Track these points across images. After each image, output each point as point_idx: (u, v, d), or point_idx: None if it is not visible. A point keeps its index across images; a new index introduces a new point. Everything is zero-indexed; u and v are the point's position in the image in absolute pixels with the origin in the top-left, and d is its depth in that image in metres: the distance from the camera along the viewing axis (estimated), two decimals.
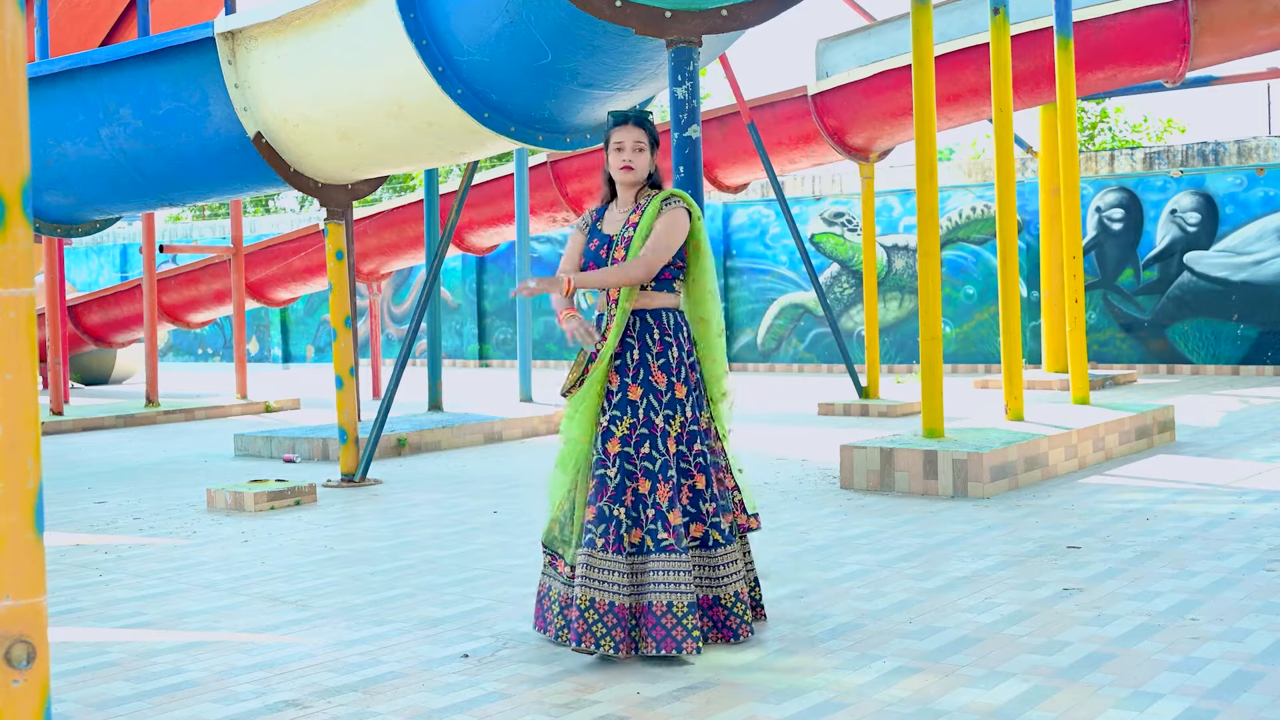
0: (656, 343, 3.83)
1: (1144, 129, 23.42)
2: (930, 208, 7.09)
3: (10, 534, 1.44)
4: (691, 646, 3.58)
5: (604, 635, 3.61)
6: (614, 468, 3.73)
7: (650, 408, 3.77)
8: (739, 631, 3.78)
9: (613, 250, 3.89)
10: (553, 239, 20.04)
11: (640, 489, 3.72)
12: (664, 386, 3.80)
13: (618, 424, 3.77)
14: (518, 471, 8.06)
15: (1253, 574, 4.56)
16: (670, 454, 3.75)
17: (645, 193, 3.98)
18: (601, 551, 3.66)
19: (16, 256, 1.45)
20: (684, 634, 3.59)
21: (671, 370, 3.82)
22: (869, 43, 12.72)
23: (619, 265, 3.81)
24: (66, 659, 3.88)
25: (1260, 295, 14.52)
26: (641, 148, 3.93)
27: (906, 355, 16.83)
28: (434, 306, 10.48)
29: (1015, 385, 7.91)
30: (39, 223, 9.40)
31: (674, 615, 3.60)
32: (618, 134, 3.93)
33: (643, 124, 3.94)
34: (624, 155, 3.91)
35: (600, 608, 3.62)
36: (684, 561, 3.65)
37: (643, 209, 3.91)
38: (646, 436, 3.75)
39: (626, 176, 3.93)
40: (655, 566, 3.65)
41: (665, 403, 3.79)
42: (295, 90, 7.24)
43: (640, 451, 3.75)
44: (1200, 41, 10.36)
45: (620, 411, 3.78)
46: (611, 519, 3.68)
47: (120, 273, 25.34)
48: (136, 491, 7.65)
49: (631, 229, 3.89)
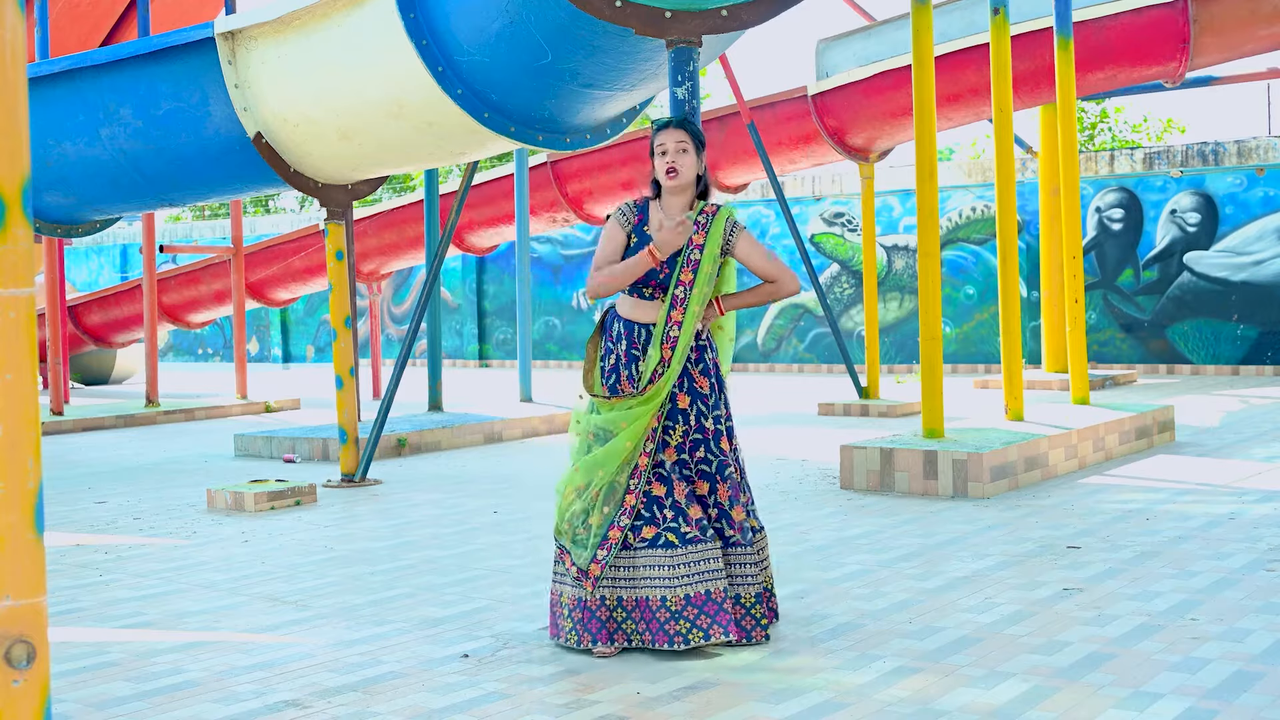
0: (694, 350, 3.89)
1: (1144, 129, 23.42)
2: (930, 208, 7.09)
3: (10, 534, 1.44)
4: (760, 635, 3.79)
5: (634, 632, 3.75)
6: (676, 475, 3.79)
7: (700, 413, 3.85)
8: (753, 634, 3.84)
9: (676, 271, 3.83)
10: (553, 239, 20.04)
11: (699, 490, 3.83)
12: (707, 390, 3.88)
13: (671, 433, 3.84)
14: (518, 471, 8.06)
15: (1253, 574, 4.56)
16: (725, 453, 3.85)
17: (696, 201, 3.93)
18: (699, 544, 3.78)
19: (16, 256, 1.45)
20: (752, 624, 3.78)
21: (710, 373, 3.90)
22: (869, 43, 12.73)
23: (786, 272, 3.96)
24: (66, 659, 3.88)
25: (1260, 295, 14.52)
26: (685, 148, 3.86)
27: (906, 355, 16.83)
28: (434, 306, 10.48)
29: (1015, 385, 7.91)
30: (39, 223, 9.40)
31: (743, 606, 3.79)
32: (661, 137, 3.88)
33: (685, 125, 3.90)
34: (668, 158, 3.85)
35: (629, 604, 3.75)
36: (751, 554, 3.83)
37: (704, 227, 3.86)
38: (701, 441, 3.84)
39: (672, 180, 3.86)
40: (734, 560, 3.81)
41: (712, 405, 3.87)
42: (295, 90, 7.25)
43: (695, 456, 3.84)
44: (1200, 41, 10.36)
45: (673, 421, 3.84)
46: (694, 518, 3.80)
47: (120, 273, 25.34)
48: (136, 491, 7.65)
49: (698, 250, 3.84)
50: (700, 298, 3.82)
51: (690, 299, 3.81)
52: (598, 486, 3.77)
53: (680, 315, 3.82)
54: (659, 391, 3.78)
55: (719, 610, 3.67)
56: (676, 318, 3.82)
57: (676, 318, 3.82)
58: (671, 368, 3.80)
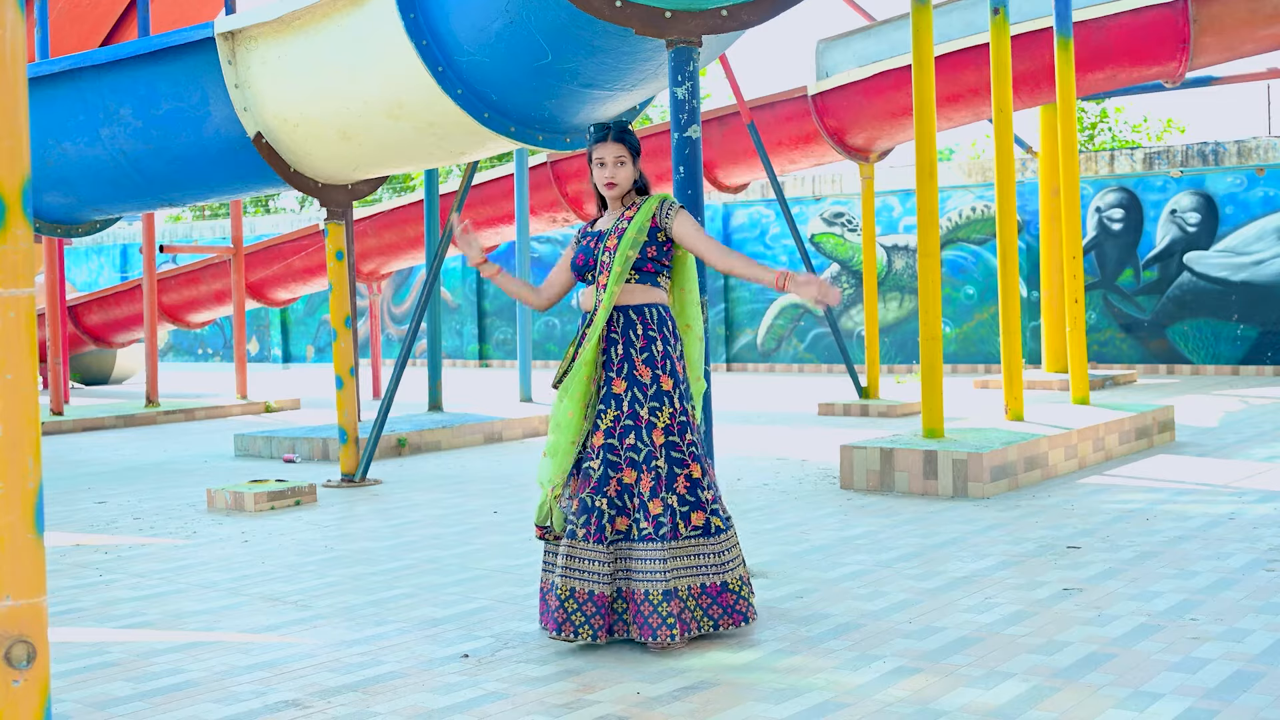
0: (640, 338, 3.91)
1: (1144, 129, 23.42)
2: (930, 208, 7.09)
3: (10, 534, 1.45)
4: (665, 635, 3.69)
5: (583, 624, 3.75)
6: (597, 459, 3.84)
7: (635, 400, 3.86)
8: (747, 615, 3.86)
9: (604, 240, 4.01)
10: (553, 239, 20.04)
11: (625, 479, 3.83)
12: (648, 380, 3.88)
13: (603, 417, 3.86)
14: (518, 471, 8.06)
15: (1253, 574, 4.56)
16: (656, 445, 3.83)
17: (632, 197, 4.10)
18: (583, 542, 3.79)
19: (16, 256, 1.45)
20: (659, 622, 3.70)
21: (656, 364, 3.90)
22: (869, 43, 12.73)
23: (736, 260, 3.92)
24: (66, 659, 3.89)
25: (1260, 295, 14.52)
26: (623, 161, 4.04)
27: (906, 355, 16.83)
28: (434, 306, 10.48)
29: (1015, 385, 7.91)
30: (39, 223, 9.40)
31: (650, 603, 3.72)
32: (599, 150, 4.03)
33: (622, 138, 4.03)
34: (605, 171, 4.03)
35: (580, 597, 3.76)
36: (659, 551, 3.75)
37: (635, 209, 4.04)
38: (631, 428, 3.84)
39: (610, 192, 4.05)
40: (639, 555, 3.77)
41: (651, 395, 3.86)
42: (295, 90, 7.25)
43: (625, 442, 3.84)
44: (1200, 41, 10.36)
45: (605, 405, 3.87)
46: (593, 509, 3.80)
47: (120, 273, 25.34)
48: (136, 491, 7.65)
49: (626, 222, 4.00)
50: (622, 258, 3.91)
51: (613, 260, 3.92)
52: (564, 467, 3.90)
53: (605, 278, 3.94)
54: (584, 356, 3.88)
55: (595, 611, 3.75)
56: (603, 280, 3.95)
57: (603, 280, 3.95)
58: (596, 321, 3.89)
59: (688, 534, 3.80)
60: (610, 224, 4.06)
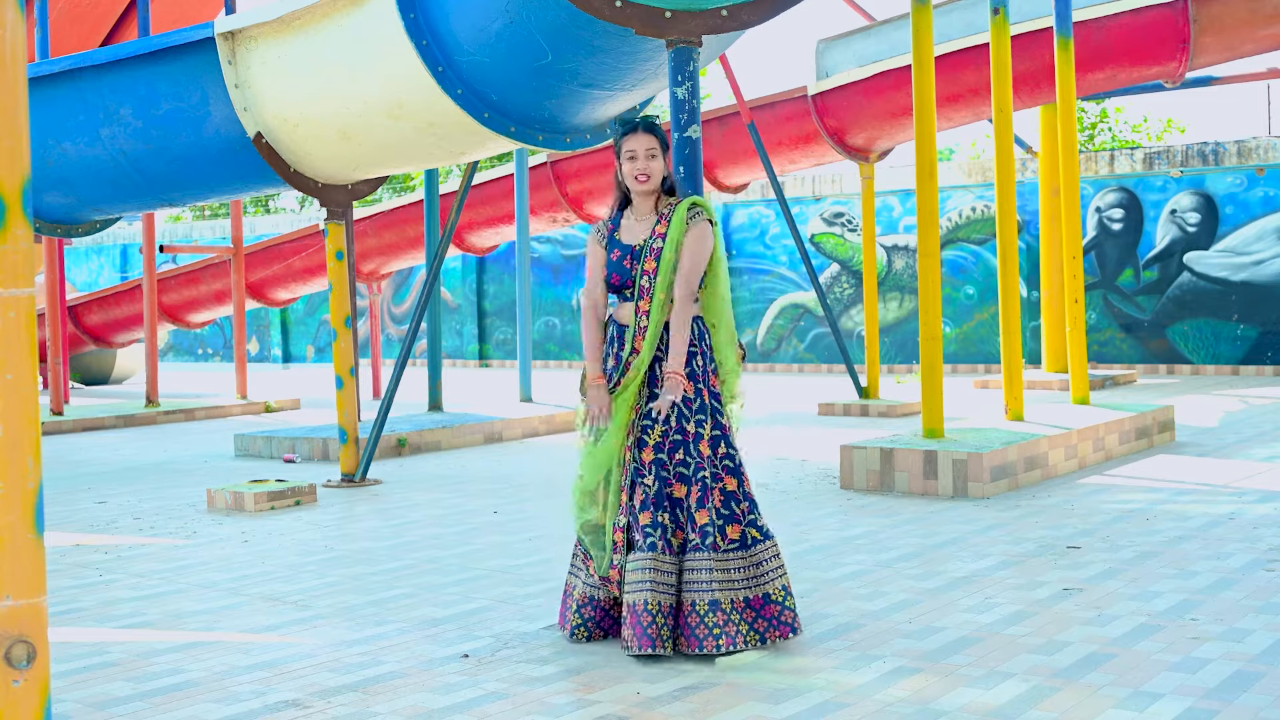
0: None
1: (1144, 129, 23.42)
2: (930, 208, 7.09)
3: (10, 534, 1.45)
4: (711, 645, 3.65)
5: (668, 638, 3.69)
6: (651, 475, 3.80)
7: (681, 415, 3.82)
8: (795, 625, 3.79)
9: (640, 261, 3.88)
10: (553, 239, 20.04)
11: (676, 493, 3.81)
12: (692, 394, 3.84)
13: (650, 433, 3.82)
14: (518, 471, 8.06)
15: (1252, 574, 4.56)
16: (704, 457, 3.81)
17: (664, 200, 3.97)
18: (662, 554, 3.73)
19: (16, 256, 1.45)
20: (705, 633, 3.67)
21: (697, 377, 3.86)
22: (869, 43, 12.73)
23: (680, 325, 3.79)
24: (66, 659, 3.88)
25: (1260, 295, 14.52)
26: (654, 154, 3.90)
27: (906, 355, 16.83)
28: (434, 306, 10.48)
29: (1015, 385, 7.91)
30: (39, 223, 9.40)
31: (698, 614, 3.70)
32: (629, 142, 3.90)
33: (653, 130, 3.92)
34: (638, 164, 3.89)
35: (665, 610, 3.69)
36: (706, 560, 3.73)
37: (667, 218, 3.90)
38: (680, 443, 3.81)
39: (642, 185, 3.91)
40: (688, 565, 3.75)
41: (695, 409, 3.83)
42: (295, 90, 7.25)
43: (674, 458, 3.81)
44: (1200, 41, 10.36)
45: (652, 421, 3.83)
46: (659, 525, 3.76)
47: (120, 273, 25.34)
48: (136, 491, 7.65)
49: (660, 240, 3.87)
50: (665, 285, 3.84)
51: (655, 286, 3.84)
52: (604, 487, 3.86)
53: (647, 305, 3.85)
54: (630, 381, 3.83)
55: (636, 621, 3.68)
56: (644, 307, 3.86)
57: (644, 307, 3.86)
58: (641, 355, 3.84)
59: (725, 547, 3.78)
60: (643, 236, 3.91)
